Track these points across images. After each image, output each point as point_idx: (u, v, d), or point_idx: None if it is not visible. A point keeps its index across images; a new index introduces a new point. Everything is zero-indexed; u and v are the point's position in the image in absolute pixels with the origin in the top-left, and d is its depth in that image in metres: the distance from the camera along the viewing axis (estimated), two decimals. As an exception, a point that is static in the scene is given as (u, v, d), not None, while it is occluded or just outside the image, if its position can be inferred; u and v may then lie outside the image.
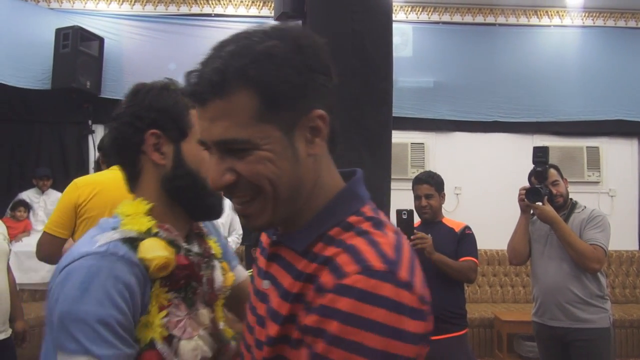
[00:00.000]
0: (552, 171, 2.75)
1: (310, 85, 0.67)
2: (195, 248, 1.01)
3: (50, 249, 2.20)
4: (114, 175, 2.26)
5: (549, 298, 2.66)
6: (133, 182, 1.00)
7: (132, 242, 0.89)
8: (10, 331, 2.66)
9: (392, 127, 2.73)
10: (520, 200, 2.71)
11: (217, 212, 1.02)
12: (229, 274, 1.09)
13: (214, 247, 1.06)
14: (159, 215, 0.95)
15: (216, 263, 1.04)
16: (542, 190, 2.64)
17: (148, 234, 0.91)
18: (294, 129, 0.67)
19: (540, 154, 2.72)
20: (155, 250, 0.89)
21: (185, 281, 0.93)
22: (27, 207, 4.93)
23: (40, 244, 2.24)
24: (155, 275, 0.88)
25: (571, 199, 2.79)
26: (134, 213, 0.94)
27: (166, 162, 0.96)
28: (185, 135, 0.97)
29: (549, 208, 2.61)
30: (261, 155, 0.66)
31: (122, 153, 0.99)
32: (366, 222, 0.69)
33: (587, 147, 5.63)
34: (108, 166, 2.36)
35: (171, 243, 0.93)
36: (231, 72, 0.66)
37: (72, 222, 2.20)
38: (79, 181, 2.28)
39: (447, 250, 2.61)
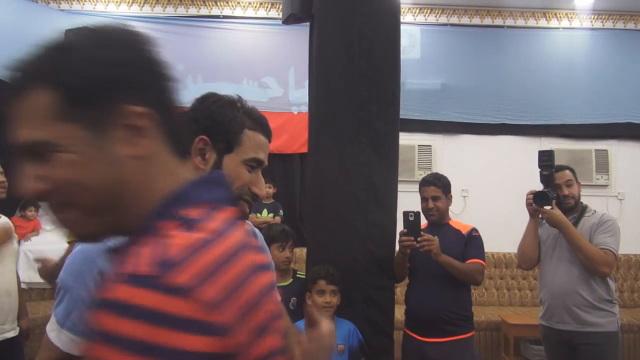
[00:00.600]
0: (567, 172, 2.76)
1: (122, 81, 0.61)
2: None
3: None
4: None
5: (556, 301, 2.65)
6: None
7: None
8: (18, 329, 2.69)
9: (400, 129, 2.73)
10: (529, 205, 2.70)
11: (245, 217, 1.10)
12: None
13: None
14: None
15: None
16: (549, 194, 2.63)
17: None
18: (105, 128, 0.60)
19: (546, 158, 2.72)
20: None
21: None
22: (37, 206, 4.96)
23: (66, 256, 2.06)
24: None
25: (582, 202, 2.78)
26: None
27: (205, 167, 1.03)
28: (231, 150, 1.05)
29: (557, 212, 2.60)
30: (65, 158, 0.59)
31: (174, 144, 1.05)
32: (174, 224, 0.59)
33: (595, 150, 5.60)
34: None
35: None
36: (25, 69, 0.62)
37: None
38: None
39: (454, 252, 2.60)
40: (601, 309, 2.57)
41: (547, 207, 2.62)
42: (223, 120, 1.04)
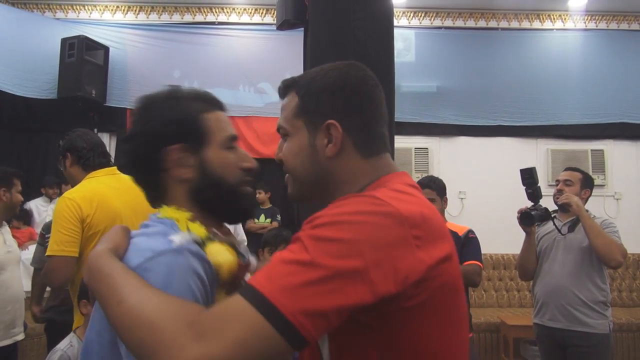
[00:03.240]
0: (574, 173, 2.79)
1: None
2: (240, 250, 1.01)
3: (66, 272, 2.06)
4: (100, 184, 2.23)
5: (550, 299, 2.68)
6: (159, 199, 0.98)
7: (201, 245, 0.90)
8: (24, 334, 2.83)
9: (396, 132, 2.74)
10: (520, 223, 2.74)
11: (250, 213, 1.05)
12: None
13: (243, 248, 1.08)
14: (196, 220, 0.95)
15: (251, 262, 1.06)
16: (533, 213, 2.65)
17: (208, 238, 0.92)
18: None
19: (527, 175, 2.71)
20: (223, 254, 0.90)
21: (238, 283, 0.93)
22: (26, 218, 4.90)
23: (52, 270, 2.06)
24: (226, 279, 0.90)
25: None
26: (180, 219, 0.93)
27: (192, 174, 0.95)
28: (205, 143, 0.96)
29: (574, 199, 2.63)
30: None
31: (143, 174, 0.98)
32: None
33: (591, 150, 5.62)
34: (63, 172, 2.32)
35: (232, 247, 0.94)
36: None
37: (81, 239, 2.09)
38: (74, 196, 2.14)
39: (452, 254, 2.61)
40: (594, 310, 2.58)
41: (565, 200, 2.65)
42: (178, 119, 0.95)
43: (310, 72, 0.96)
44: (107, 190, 2.20)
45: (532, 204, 2.70)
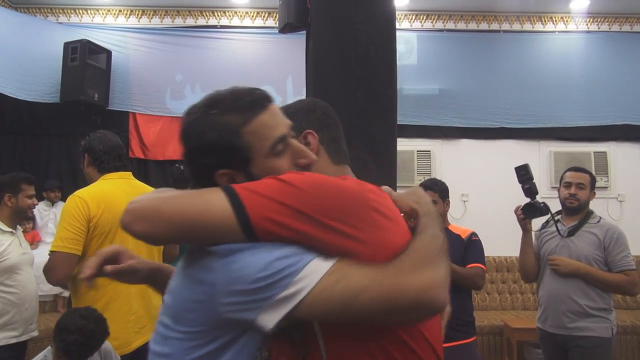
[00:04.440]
0: (584, 175, 2.76)
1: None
2: None
3: (67, 269, 2.08)
4: (112, 187, 2.28)
5: (552, 305, 2.67)
6: None
7: None
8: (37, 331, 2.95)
9: (398, 134, 2.73)
10: (520, 220, 2.74)
11: None
12: None
13: None
14: None
15: None
16: (536, 203, 2.65)
17: None
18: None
19: (523, 172, 2.73)
20: None
21: None
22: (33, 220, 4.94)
23: (53, 266, 2.09)
24: None
25: (589, 208, 2.77)
26: None
27: None
28: (249, 160, 0.92)
29: (568, 261, 2.63)
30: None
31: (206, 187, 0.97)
32: None
33: (594, 152, 5.61)
34: (98, 171, 2.35)
35: None
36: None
37: (85, 238, 2.12)
38: (84, 195, 2.18)
39: (454, 257, 2.60)
40: (595, 316, 2.58)
41: (557, 263, 2.64)
42: (215, 143, 0.91)
43: (285, 105, 1.16)
44: (118, 193, 2.25)
45: (529, 200, 2.70)
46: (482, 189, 5.47)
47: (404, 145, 5.11)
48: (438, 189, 2.75)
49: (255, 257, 0.82)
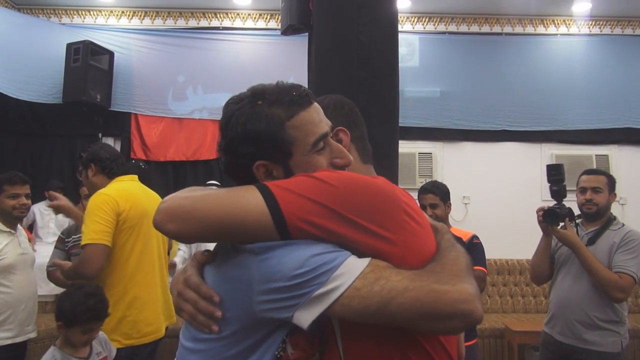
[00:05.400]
0: (601, 177, 2.57)
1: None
2: None
3: (102, 260, 2.22)
4: (133, 186, 2.49)
5: (561, 312, 2.55)
6: None
7: None
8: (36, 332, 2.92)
9: (400, 137, 2.73)
10: (540, 222, 2.57)
11: None
12: None
13: None
14: None
15: None
16: (559, 211, 2.49)
17: None
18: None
19: (555, 172, 2.58)
20: None
21: None
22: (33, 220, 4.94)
23: (90, 257, 2.22)
24: None
25: (611, 213, 2.60)
26: None
27: None
28: (291, 154, 0.92)
29: (570, 232, 2.46)
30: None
31: (240, 181, 0.97)
32: None
33: (596, 155, 5.60)
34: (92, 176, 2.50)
35: None
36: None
37: (114, 231, 2.27)
38: (110, 192, 2.34)
39: (456, 259, 2.59)
40: (606, 329, 2.42)
41: (560, 225, 2.48)
42: (260, 134, 0.91)
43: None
44: (137, 191, 2.45)
45: (555, 202, 2.55)
46: (483, 191, 5.46)
47: (405, 147, 5.10)
48: (439, 192, 2.74)
49: (291, 254, 0.82)
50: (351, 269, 0.81)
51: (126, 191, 2.39)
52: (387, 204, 0.87)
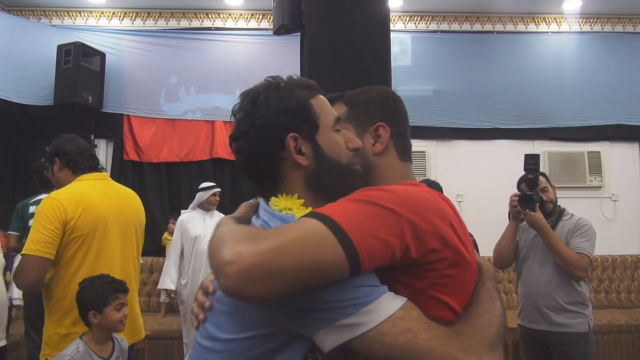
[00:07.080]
0: (541, 179, 2.79)
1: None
2: None
3: (38, 274, 1.97)
4: (89, 188, 2.17)
5: (529, 301, 2.72)
6: (273, 188, 0.97)
7: None
8: (5, 340, 2.79)
9: (392, 135, 2.74)
10: (513, 207, 2.76)
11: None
12: None
13: None
14: (307, 208, 0.95)
15: None
16: (534, 197, 2.67)
17: None
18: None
19: (532, 162, 2.75)
20: None
21: None
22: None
23: (24, 270, 1.97)
24: None
25: (559, 205, 2.82)
26: (293, 207, 0.93)
27: (308, 161, 0.95)
28: (317, 128, 0.97)
29: (539, 215, 2.64)
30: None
31: (262, 166, 0.97)
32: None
33: (588, 152, 5.64)
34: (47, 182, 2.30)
35: None
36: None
37: (59, 242, 2.02)
38: (60, 197, 2.08)
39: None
40: (571, 311, 2.62)
41: (531, 211, 2.66)
42: (292, 107, 0.95)
43: (355, 90, 1.14)
44: (96, 194, 2.16)
45: (527, 190, 2.72)
46: (476, 189, 5.49)
47: (398, 146, 5.11)
48: (433, 190, 2.74)
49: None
50: (381, 308, 0.81)
51: (80, 194, 2.11)
52: (443, 221, 0.93)
